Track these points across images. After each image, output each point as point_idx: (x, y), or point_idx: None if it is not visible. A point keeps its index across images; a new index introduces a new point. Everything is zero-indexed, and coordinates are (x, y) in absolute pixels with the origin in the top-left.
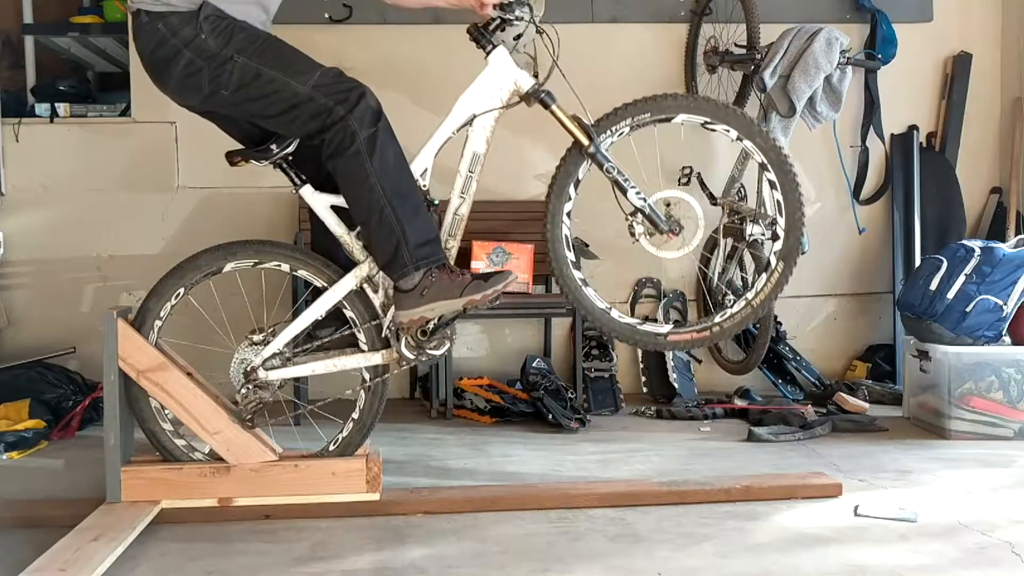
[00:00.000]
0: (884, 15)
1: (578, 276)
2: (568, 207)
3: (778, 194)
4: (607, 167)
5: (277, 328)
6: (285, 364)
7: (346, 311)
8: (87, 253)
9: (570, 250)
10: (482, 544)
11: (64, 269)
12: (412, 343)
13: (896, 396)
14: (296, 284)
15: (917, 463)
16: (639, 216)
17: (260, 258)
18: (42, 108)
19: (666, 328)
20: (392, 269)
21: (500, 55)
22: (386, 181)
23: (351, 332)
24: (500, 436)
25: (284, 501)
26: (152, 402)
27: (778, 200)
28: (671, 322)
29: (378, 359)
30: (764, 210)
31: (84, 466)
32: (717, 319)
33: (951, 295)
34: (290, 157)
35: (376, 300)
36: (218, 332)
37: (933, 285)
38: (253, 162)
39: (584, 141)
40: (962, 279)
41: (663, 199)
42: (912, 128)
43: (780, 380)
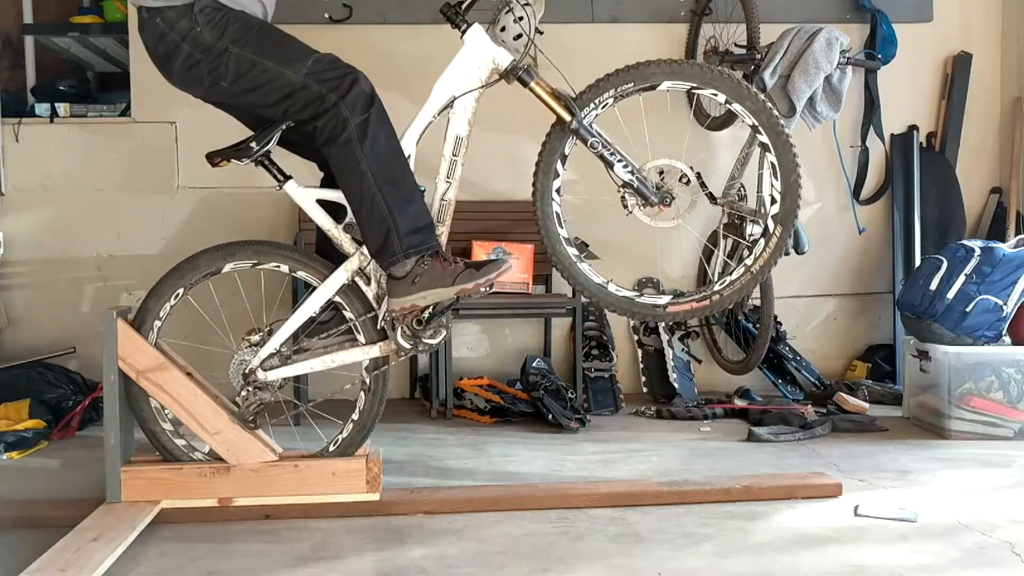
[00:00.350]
0: (884, 15)
1: (572, 252)
2: (557, 184)
3: (772, 156)
4: (591, 142)
5: (274, 327)
6: (284, 363)
7: (345, 312)
8: (87, 253)
9: (562, 227)
10: (482, 544)
11: (64, 269)
12: (408, 332)
13: (896, 396)
14: (296, 285)
15: (917, 463)
16: (629, 189)
17: (259, 259)
18: (42, 108)
19: (665, 299)
20: (383, 257)
21: (476, 33)
22: (377, 168)
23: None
24: (500, 436)
25: (284, 501)
26: (152, 402)
27: (772, 163)
28: (671, 293)
29: (376, 351)
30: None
31: (84, 466)
32: (717, 287)
33: (951, 295)
34: (271, 154)
35: (369, 292)
36: (218, 332)
37: (933, 285)
38: (234, 161)
39: (566, 117)
40: (962, 279)
41: (655, 167)
42: (912, 128)
43: (780, 380)
